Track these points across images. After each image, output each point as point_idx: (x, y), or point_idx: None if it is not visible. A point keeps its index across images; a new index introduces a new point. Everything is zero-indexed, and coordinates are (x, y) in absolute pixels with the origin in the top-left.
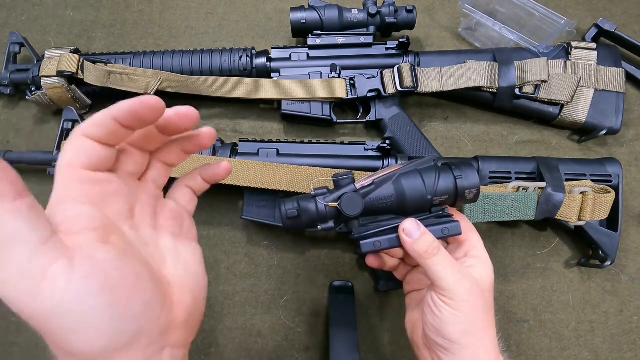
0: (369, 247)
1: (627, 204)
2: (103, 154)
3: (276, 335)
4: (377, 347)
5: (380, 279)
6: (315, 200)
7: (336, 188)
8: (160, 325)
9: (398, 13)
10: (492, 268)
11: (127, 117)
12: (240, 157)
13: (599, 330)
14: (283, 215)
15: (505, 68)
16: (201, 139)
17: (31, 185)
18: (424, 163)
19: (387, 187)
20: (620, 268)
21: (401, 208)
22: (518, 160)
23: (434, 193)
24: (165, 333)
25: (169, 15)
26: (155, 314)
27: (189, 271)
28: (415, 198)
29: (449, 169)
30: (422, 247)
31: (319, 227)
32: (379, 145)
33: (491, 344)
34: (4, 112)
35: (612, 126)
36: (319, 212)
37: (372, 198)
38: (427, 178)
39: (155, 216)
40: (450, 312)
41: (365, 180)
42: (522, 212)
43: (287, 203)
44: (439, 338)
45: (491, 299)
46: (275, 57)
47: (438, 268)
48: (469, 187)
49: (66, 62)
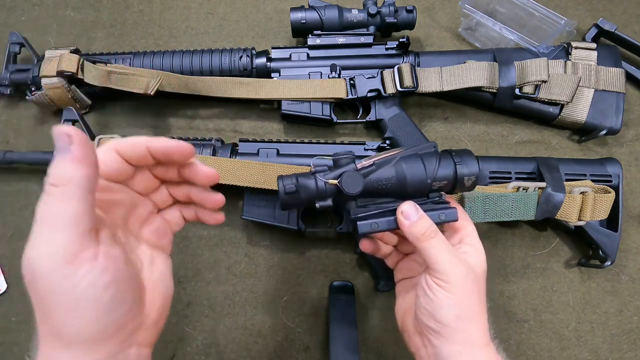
0: (366, 227)
1: (627, 204)
2: (124, 169)
3: (276, 335)
4: (377, 347)
5: (380, 279)
6: (315, 176)
7: (336, 167)
8: (135, 323)
9: (398, 13)
10: (484, 257)
11: (159, 152)
12: (240, 157)
13: (599, 330)
14: (281, 190)
15: (505, 68)
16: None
17: (31, 185)
18: (425, 148)
19: (388, 169)
20: (620, 268)
21: (400, 191)
22: (518, 160)
23: (434, 178)
24: (137, 331)
25: (169, 15)
26: (134, 312)
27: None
28: (415, 181)
29: (449, 155)
30: (419, 230)
31: (317, 204)
32: (379, 145)
33: (483, 329)
34: (4, 112)
35: (612, 126)
36: (319, 189)
37: (373, 179)
38: (427, 162)
39: (142, 227)
40: (445, 295)
41: (366, 161)
42: (522, 212)
43: (285, 178)
44: (431, 321)
45: (484, 287)
46: (275, 57)
47: (434, 251)
48: (468, 174)
49: (66, 62)
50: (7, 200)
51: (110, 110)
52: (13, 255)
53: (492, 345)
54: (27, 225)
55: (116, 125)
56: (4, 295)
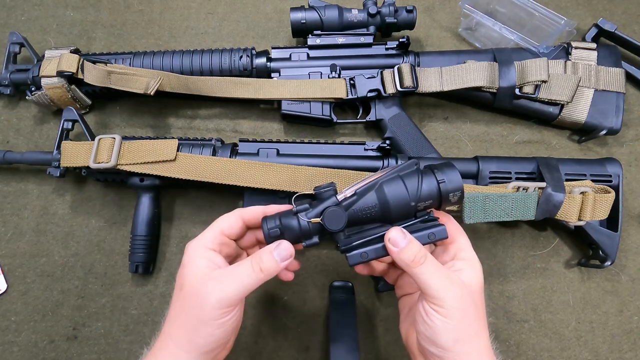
0: (356, 259)
1: (627, 204)
2: (239, 231)
3: (276, 335)
4: (377, 347)
5: (380, 279)
6: (297, 216)
7: (318, 201)
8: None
9: (398, 13)
10: (481, 269)
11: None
12: (240, 157)
13: (599, 330)
14: (265, 235)
15: (505, 68)
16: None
17: (31, 185)
18: (406, 168)
19: (370, 196)
20: (620, 268)
21: (386, 216)
22: (518, 160)
23: (418, 199)
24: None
25: (169, 15)
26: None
27: (236, 323)
28: (398, 205)
29: (431, 172)
30: (408, 257)
31: (303, 244)
32: (379, 145)
33: (484, 347)
34: (4, 112)
35: (612, 126)
36: (302, 228)
37: (356, 209)
38: (409, 184)
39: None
40: (442, 320)
41: (348, 190)
42: (522, 212)
43: (269, 221)
44: (432, 347)
45: (482, 301)
46: (275, 57)
47: (426, 276)
48: (453, 190)
49: (66, 62)
50: (7, 200)
51: (110, 110)
52: (13, 255)
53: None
54: (27, 225)
55: (116, 125)
56: (4, 295)
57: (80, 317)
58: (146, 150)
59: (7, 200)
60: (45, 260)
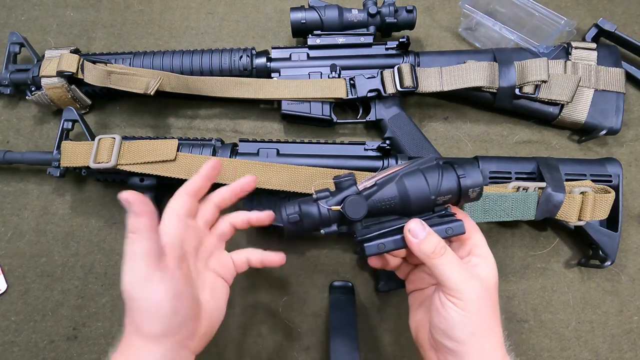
0: (373, 249)
1: (627, 204)
2: (193, 205)
3: (276, 335)
4: (377, 347)
5: (381, 279)
6: (317, 203)
7: (338, 190)
8: (190, 329)
9: (398, 13)
10: (495, 266)
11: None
12: (240, 157)
13: (599, 330)
14: (284, 220)
15: (505, 68)
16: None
17: (31, 185)
18: (426, 162)
19: (390, 187)
20: (620, 268)
21: (405, 209)
22: (518, 160)
23: (438, 193)
24: (190, 337)
25: (169, 15)
26: (191, 320)
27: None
28: (418, 198)
29: (451, 168)
30: (428, 248)
31: (322, 231)
32: (379, 145)
33: (498, 342)
34: (4, 112)
35: (612, 126)
36: (322, 216)
37: (375, 199)
38: (430, 178)
39: (210, 258)
40: (459, 313)
41: (368, 181)
42: (522, 212)
43: (288, 207)
44: (446, 340)
45: (496, 297)
46: (275, 57)
47: (445, 268)
48: (472, 185)
49: (66, 62)
50: (7, 200)
51: (110, 110)
52: (13, 255)
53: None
54: (27, 225)
55: (116, 125)
56: (4, 295)
57: (80, 317)
58: (146, 150)
59: (7, 200)
60: (45, 260)
